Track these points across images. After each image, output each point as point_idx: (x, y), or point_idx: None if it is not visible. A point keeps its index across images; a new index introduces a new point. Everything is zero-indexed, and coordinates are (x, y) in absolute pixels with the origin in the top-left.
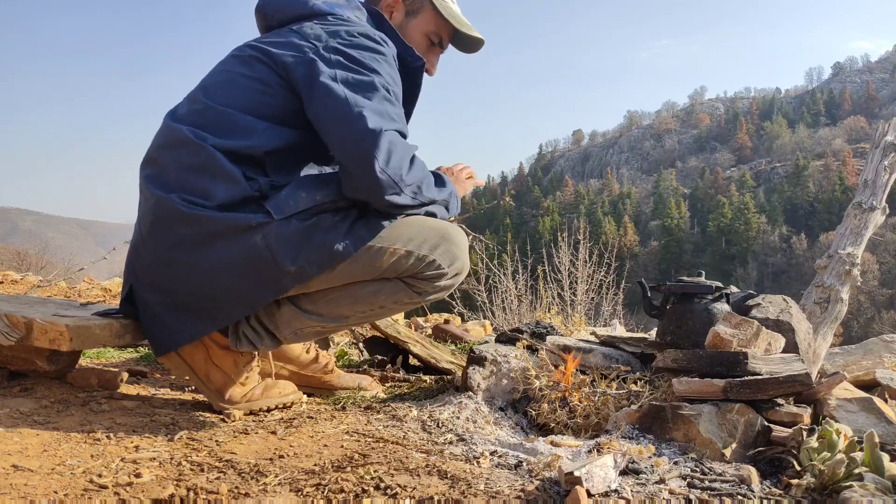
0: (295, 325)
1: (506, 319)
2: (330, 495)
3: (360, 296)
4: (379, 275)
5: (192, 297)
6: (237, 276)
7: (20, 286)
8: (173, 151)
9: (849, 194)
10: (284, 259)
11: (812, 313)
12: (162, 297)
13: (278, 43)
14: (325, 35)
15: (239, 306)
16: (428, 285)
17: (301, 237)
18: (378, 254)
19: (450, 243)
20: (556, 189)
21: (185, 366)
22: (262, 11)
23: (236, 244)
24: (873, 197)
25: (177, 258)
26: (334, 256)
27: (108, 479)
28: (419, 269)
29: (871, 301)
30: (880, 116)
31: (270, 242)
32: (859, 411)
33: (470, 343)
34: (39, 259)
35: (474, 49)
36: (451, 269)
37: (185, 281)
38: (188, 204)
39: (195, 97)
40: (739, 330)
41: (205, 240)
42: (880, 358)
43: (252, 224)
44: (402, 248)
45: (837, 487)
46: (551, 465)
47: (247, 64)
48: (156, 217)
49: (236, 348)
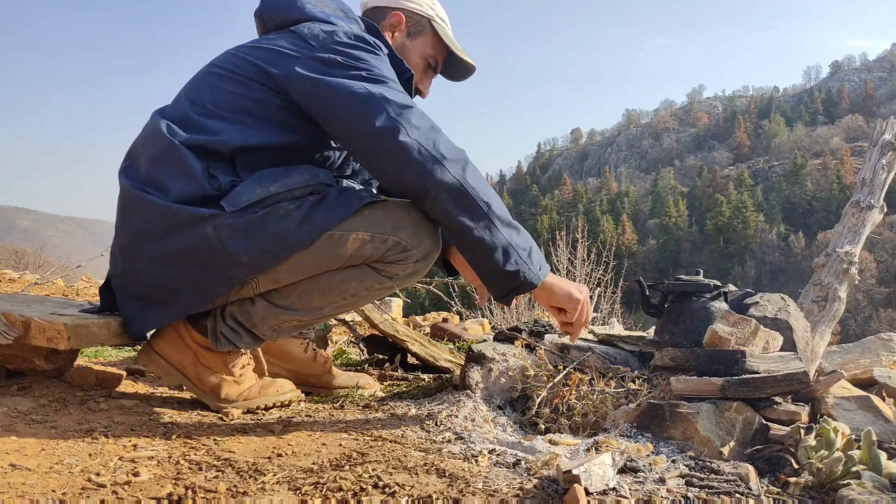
0: (271, 321)
1: (504, 318)
2: (328, 494)
3: (329, 286)
4: (344, 263)
5: (151, 288)
6: (191, 267)
7: (17, 285)
8: (147, 144)
9: (847, 193)
10: (237, 249)
11: (810, 312)
12: (127, 286)
13: (272, 42)
14: (324, 34)
15: (194, 297)
16: (397, 268)
17: (254, 227)
18: (339, 241)
19: (416, 224)
20: (555, 187)
21: (176, 372)
22: (260, 16)
23: (189, 235)
24: (871, 195)
25: (136, 248)
26: (289, 246)
27: (106, 478)
28: (385, 252)
29: (869, 299)
30: (878, 115)
31: (221, 233)
32: (857, 409)
33: (468, 342)
34: (37, 257)
35: (464, 76)
36: (418, 250)
37: (145, 271)
38: (146, 195)
39: (180, 94)
40: (737, 328)
41: (160, 231)
42: (878, 356)
43: (204, 216)
44: (364, 233)
45: (835, 485)
46: (549, 464)
47: (236, 62)
48: (121, 207)
49: (217, 349)
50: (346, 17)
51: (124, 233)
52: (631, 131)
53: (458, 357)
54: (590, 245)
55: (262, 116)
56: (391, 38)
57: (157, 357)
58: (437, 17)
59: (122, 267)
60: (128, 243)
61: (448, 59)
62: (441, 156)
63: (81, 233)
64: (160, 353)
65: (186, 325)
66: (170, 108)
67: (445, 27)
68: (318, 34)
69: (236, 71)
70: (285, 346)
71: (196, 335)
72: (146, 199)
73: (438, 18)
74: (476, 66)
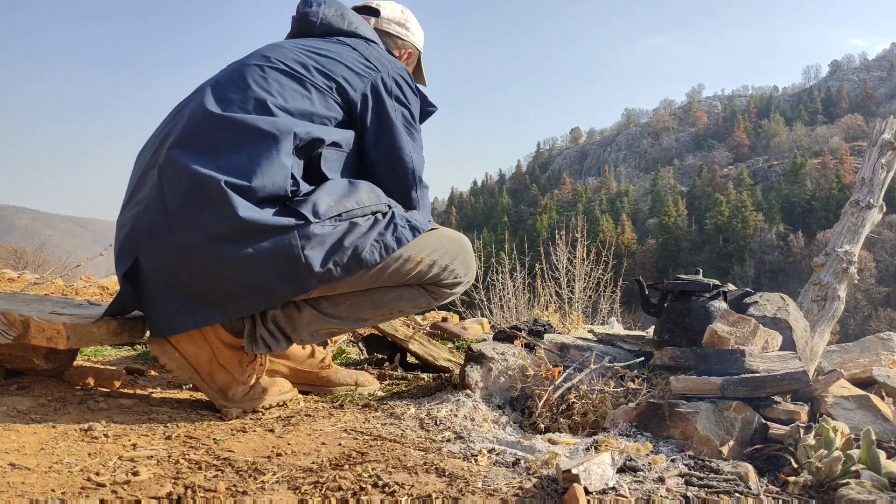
0: (314, 327)
1: (504, 317)
2: (328, 493)
3: (382, 301)
4: (403, 281)
5: (205, 287)
6: (262, 273)
7: (17, 284)
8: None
9: (846, 192)
10: (314, 260)
11: (809, 311)
12: (170, 280)
13: (334, 52)
14: (387, 62)
15: (254, 301)
16: (446, 292)
17: (333, 241)
18: (405, 262)
19: (466, 253)
20: (554, 187)
21: (188, 366)
22: (306, 18)
23: (269, 241)
24: (870, 195)
25: (203, 247)
26: (362, 262)
27: (105, 478)
28: (440, 277)
29: (868, 299)
30: (877, 114)
31: (304, 243)
32: (856, 408)
33: (468, 341)
34: (36, 257)
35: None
36: (465, 277)
37: (207, 271)
38: (229, 193)
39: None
40: (737, 328)
41: (239, 235)
42: (877, 355)
43: (289, 225)
44: (428, 258)
45: (834, 484)
46: (549, 463)
47: (299, 65)
48: (184, 194)
49: (252, 351)
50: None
51: (192, 228)
52: (630, 131)
53: (457, 356)
54: (589, 244)
55: (331, 126)
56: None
57: (171, 349)
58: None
59: (175, 262)
60: (192, 240)
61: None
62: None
63: (81, 232)
64: (176, 347)
65: None
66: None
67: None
68: (379, 58)
69: (305, 75)
70: None
71: (222, 332)
72: (234, 202)
73: (421, 46)
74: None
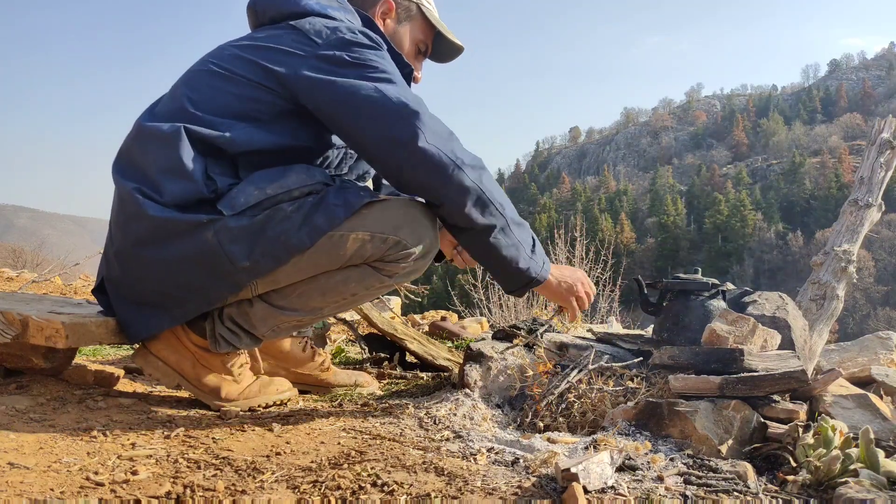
0: (270, 322)
1: (503, 316)
2: (327, 492)
3: (329, 286)
4: (344, 263)
5: (150, 293)
6: (192, 273)
7: (15, 283)
8: (142, 143)
9: (845, 191)
10: (237, 255)
11: (808, 310)
12: (121, 290)
13: (274, 39)
14: (327, 30)
15: (195, 302)
16: (397, 267)
17: (253, 232)
18: (340, 242)
19: (413, 221)
20: (553, 186)
21: (173, 372)
22: (254, 9)
23: (189, 241)
24: (869, 194)
25: (134, 253)
26: (290, 249)
27: (104, 477)
28: (385, 252)
29: (867, 298)
30: (876, 114)
31: (221, 238)
32: (855, 408)
33: (467, 340)
34: (35, 256)
35: (452, 57)
36: (418, 248)
37: (143, 277)
38: (143, 200)
39: (176, 90)
40: (735, 327)
41: (160, 238)
42: (876, 354)
43: (202, 221)
44: (365, 233)
45: (833, 483)
46: (548, 462)
47: (236, 61)
48: (117, 209)
49: (216, 351)
50: (342, 7)
51: (121, 237)
52: (629, 130)
53: (456, 356)
54: (588, 243)
55: (265, 120)
56: (383, 25)
57: (154, 359)
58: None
59: (118, 272)
60: (125, 248)
61: (436, 40)
62: (461, 161)
63: (80, 231)
64: (158, 356)
65: (184, 326)
66: (165, 104)
67: (432, 9)
68: (320, 30)
69: (237, 71)
70: (283, 344)
71: (194, 337)
72: (144, 205)
73: (426, 1)
74: (464, 47)
